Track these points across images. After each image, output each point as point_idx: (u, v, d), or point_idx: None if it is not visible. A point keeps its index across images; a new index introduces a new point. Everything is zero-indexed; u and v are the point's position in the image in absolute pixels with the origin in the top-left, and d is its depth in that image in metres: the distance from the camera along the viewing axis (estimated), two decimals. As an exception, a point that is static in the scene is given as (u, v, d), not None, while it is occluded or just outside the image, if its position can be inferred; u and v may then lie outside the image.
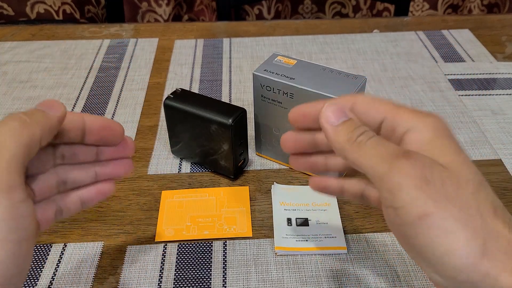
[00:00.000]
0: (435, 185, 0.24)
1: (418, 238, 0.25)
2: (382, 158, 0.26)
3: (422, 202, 0.24)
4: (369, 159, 0.27)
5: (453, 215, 0.24)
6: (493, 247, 0.23)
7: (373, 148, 0.27)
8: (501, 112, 0.59)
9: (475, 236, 0.24)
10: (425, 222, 0.24)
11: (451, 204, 0.24)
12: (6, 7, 1.27)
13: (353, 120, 0.29)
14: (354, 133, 0.28)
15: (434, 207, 0.24)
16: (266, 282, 0.39)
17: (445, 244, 0.24)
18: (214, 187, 0.48)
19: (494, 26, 0.80)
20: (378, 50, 0.72)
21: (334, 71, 0.45)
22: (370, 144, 0.27)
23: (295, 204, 0.46)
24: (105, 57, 0.72)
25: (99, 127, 0.31)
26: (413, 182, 0.25)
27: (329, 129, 0.29)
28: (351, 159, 0.28)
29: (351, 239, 0.43)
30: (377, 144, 0.27)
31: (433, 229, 0.24)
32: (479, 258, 0.23)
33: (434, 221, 0.24)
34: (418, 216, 0.24)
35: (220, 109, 0.45)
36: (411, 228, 0.25)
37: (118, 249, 0.42)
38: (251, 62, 0.70)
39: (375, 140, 0.27)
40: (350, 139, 0.28)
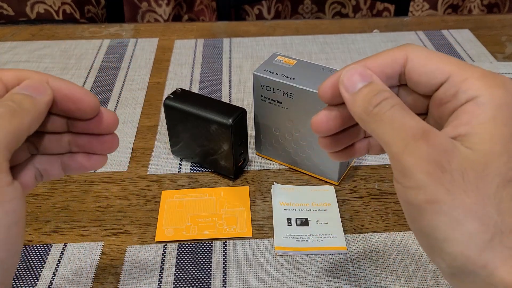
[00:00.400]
0: (452, 174, 0.23)
1: (423, 219, 0.24)
2: (399, 136, 0.24)
3: (433, 188, 0.23)
4: (386, 133, 0.24)
5: (466, 206, 0.23)
6: (500, 242, 0.23)
7: (390, 122, 0.24)
8: (501, 112, 0.59)
9: (484, 230, 0.23)
10: (433, 207, 0.23)
11: (466, 195, 0.23)
12: (6, 7, 1.27)
13: (374, 84, 0.26)
14: (372, 101, 0.25)
15: (445, 194, 0.23)
16: (266, 282, 0.39)
17: (450, 232, 0.23)
18: (214, 187, 0.48)
19: (494, 26, 0.80)
20: (378, 50, 0.72)
21: (334, 71, 0.45)
22: (388, 117, 0.24)
23: (295, 204, 0.46)
24: (105, 57, 0.72)
25: (63, 96, 0.27)
26: (426, 168, 0.23)
27: (347, 97, 0.26)
28: (369, 130, 0.26)
29: (351, 239, 0.43)
30: (397, 116, 0.24)
31: (440, 215, 0.23)
32: (481, 251, 0.23)
33: (443, 208, 0.23)
34: (426, 201, 0.23)
35: (220, 109, 0.45)
36: (418, 209, 0.24)
37: (118, 249, 0.42)
38: (251, 62, 0.70)
39: (395, 112, 0.24)
40: (367, 109, 0.25)
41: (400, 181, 0.24)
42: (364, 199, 0.47)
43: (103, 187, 0.49)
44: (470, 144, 0.23)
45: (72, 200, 0.47)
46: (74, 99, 0.27)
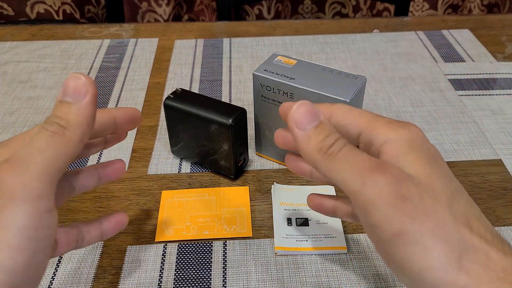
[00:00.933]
0: (412, 201, 0.24)
1: (396, 254, 0.24)
2: (355, 172, 0.25)
3: (398, 219, 0.23)
4: (342, 173, 0.25)
5: (430, 230, 0.23)
6: (470, 260, 0.23)
7: (345, 161, 0.25)
8: (501, 112, 0.59)
9: (452, 250, 0.23)
10: (401, 239, 0.24)
11: (428, 219, 0.24)
12: (6, 7, 1.27)
13: (325, 125, 0.27)
14: (325, 143, 0.26)
15: (410, 223, 0.23)
16: (266, 282, 0.39)
17: (423, 260, 0.23)
18: (214, 187, 0.48)
19: (494, 26, 0.80)
20: (378, 50, 0.72)
21: (334, 71, 0.45)
22: (342, 156, 0.25)
23: (295, 204, 0.46)
24: (105, 57, 0.72)
25: (128, 120, 0.32)
26: (388, 200, 0.24)
27: (299, 134, 0.27)
28: (323, 171, 0.26)
29: (351, 239, 0.43)
30: (350, 155, 0.25)
31: (410, 245, 0.23)
32: (456, 273, 0.23)
33: (411, 237, 0.23)
34: (394, 234, 0.24)
35: (220, 109, 0.45)
36: (388, 244, 0.24)
37: (118, 249, 0.42)
38: (251, 62, 0.70)
39: (347, 151, 0.26)
40: (321, 150, 0.26)
41: (365, 219, 0.25)
42: (364, 199, 0.47)
43: (103, 187, 0.49)
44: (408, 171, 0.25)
45: (72, 200, 0.47)
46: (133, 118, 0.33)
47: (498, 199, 0.47)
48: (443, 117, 0.58)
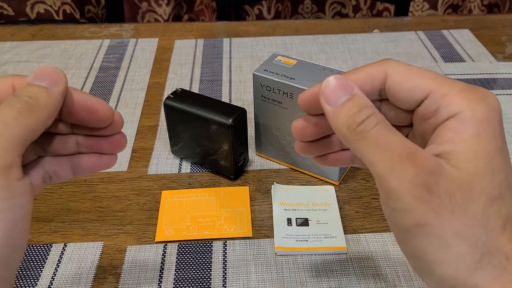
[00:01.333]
0: (440, 197, 0.22)
1: (412, 242, 0.24)
2: (384, 156, 0.23)
3: (421, 211, 0.23)
4: (370, 153, 0.23)
5: (454, 228, 0.23)
6: (489, 262, 0.23)
7: (375, 142, 0.23)
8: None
9: (472, 252, 0.23)
10: (421, 230, 0.23)
11: (455, 217, 0.23)
12: (6, 7, 1.27)
13: (357, 98, 0.24)
14: (356, 119, 0.24)
15: (434, 217, 0.22)
16: (266, 282, 0.39)
17: (438, 254, 0.23)
18: (214, 187, 0.48)
19: (494, 26, 0.80)
20: (378, 50, 0.72)
21: (334, 71, 0.45)
22: (372, 136, 0.23)
23: (295, 204, 0.46)
24: (105, 57, 0.72)
25: (80, 107, 0.27)
26: (414, 191, 0.22)
27: (328, 110, 0.25)
28: (352, 148, 0.25)
29: (351, 239, 0.43)
30: (381, 136, 0.23)
31: (429, 238, 0.23)
32: (471, 272, 0.23)
33: (432, 231, 0.23)
34: (414, 224, 0.23)
35: (220, 109, 0.45)
36: (406, 232, 0.24)
37: (118, 249, 0.42)
38: (251, 62, 0.70)
39: (379, 130, 0.23)
40: (350, 127, 0.24)
41: (387, 202, 0.24)
42: (364, 199, 0.47)
43: (103, 187, 0.49)
44: (455, 163, 0.23)
45: (72, 200, 0.47)
46: (90, 109, 0.27)
47: (498, 199, 0.47)
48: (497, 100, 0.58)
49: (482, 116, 0.23)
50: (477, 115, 0.23)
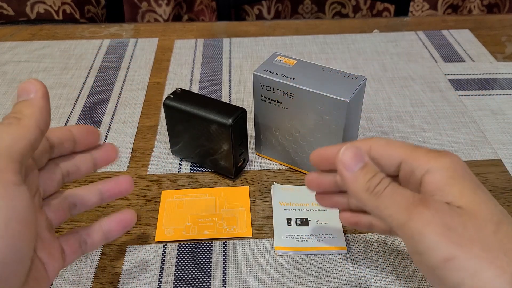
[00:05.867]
0: (456, 230, 0.25)
1: (448, 279, 0.25)
2: (401, 207, 0.27)
3: (445, 246, 0.25)
4: (388, 208, 0.27)
5: (477, 255, 0.25)
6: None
7: (391, 198, 0.27)
8: (501, 112, 0.59)
9: (502, 272, 0.24)
10: (450, 264, 0.25)
11: (474, 245, 0.25)
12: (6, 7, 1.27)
13: (370, 166, 0.29)
14: (372, 183, 0.28)
15: (457, 250, 0.25)
16: (266, 282, 0.39)
17: (473, 284, 0.24)
18: (214, 187, 0.48)
19: (494, 26, 0.80)
20: (378, 50, 0.72)
21: (334, 71, 0.45)
22: (388, 193, 0.28)
23: (295, 204, 0.46)
24: (105, 57, 0.72)
25: (85, 133, 0.33)
26: (434, 229, 0.25)
27: (348, 176, 0.29)
28: (370, 208, 0.29)
29: (351, 239, 0.43)
30: (394, 193, 0.28)
31: (459, 271, 0.25)
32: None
33: (459, 263, 0.25)
34: (443, 259, 0.25)
35: (220, 109, 0.45)
36: (439, 271, 0.26)
37: (118, 249, 0.42)
38: (251, 62, 0.70)
39: (392, 188, 0.28)
40: (368, 189, 0.28)
41: (413, 249, 0.27)
42: (364, 199, 0.47)
43: (103, 187, 0.49)
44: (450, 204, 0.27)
45: (72, 200, 0.47)
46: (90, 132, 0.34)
47: (498, 199, 0.46)
48: (443, 117, 0.58)
49: (448, 165, 0.28)
50: (443, 165, 0.28)
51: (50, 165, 0.32)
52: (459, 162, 0.29)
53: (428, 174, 0.28)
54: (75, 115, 0.59)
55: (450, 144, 0.54)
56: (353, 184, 0.29)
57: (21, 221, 0.25)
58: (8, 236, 0.24)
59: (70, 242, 0.32)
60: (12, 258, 0.25)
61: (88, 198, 0.35)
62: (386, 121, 0.58)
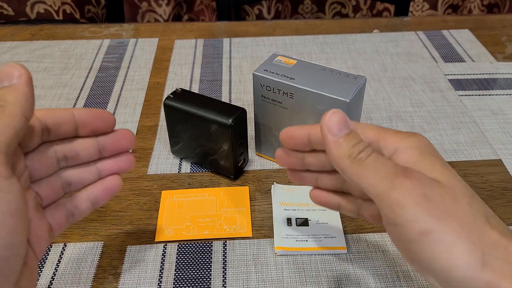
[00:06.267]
0: (435, 202, 0.25)
1: (422, 253, 0.25)
2: (382, 177, 0.26)
3: (424, 219, 0.25)
4: (369, 177, 0.27)
5: (454, 229, 0.25)
6: (492, 256, 0.24)
7: (373, 166, 0.27)
8: (501, 112, 0.59)
9: (475, 247, 0.24)
10: (427, 238, 0.25)
11: (451, 218, 0.25)
12: (6, 7, 1.27)
13: (355, 133, 0.28)
14: (355, 149, 0.28)
15: (435, 223, 0.25)
16: (266, 282, 0.39)
17: (449, 259, 0.24)
18: (214, 187, 0.48)
19: (494, 26, 0.80)
20: (378, 50, 0.72)
21: (334, 71, 0.45)
22: (370, 162, 0.27)
23: (295, 204, 0.46)
24: (105, 57, 0.72)
25: (89, 117, 0.31)
26: (414, 200, 0.25)
27: (331, 140, 0.28)
28: (350, 176, 0.28)
29: (351, 239, 0.43)
30: (376, 161, 0.27)
31: (436, 244, 0.25)
32: (480, 269, 0.24)
33: (436, 236, 0.25)
34: (420, 233, 0.25)
35: (220, 109, 0.45)
36: (414, 244, 0.25)
37: (118, 249, 0.42)
38: (251, 62, 0.70)
39: (375, 158, 0.27)
40: (351, 156, 0.28)
41: (391, 221, 0.26)
42: (364, 199, 0.47)
43: (103, 187, 0.49)
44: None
45: (72, 200, 0.47)
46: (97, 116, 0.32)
47: (498, 199, 0.47)
48: (443, 117, 0.58)
49: (416, 144, 0.28)
50: (411, 144, 0.28)
51: (43, 148, 0.30)
52: (426, 141, 0.29)
53: (397, 153, 0.28)
54: (75, 115, 0.59)
55: (450, 144, 0.54)
56: (336, 149, 0.28)
57: (14, 214, 0.24)
58: (4, 232, 0.24)
59: (57, 217, 0.31)
60: (9, 254, 0.24)
61: (84, 176, 0.33)
62: (386, 121, 0.58)
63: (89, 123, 0.32)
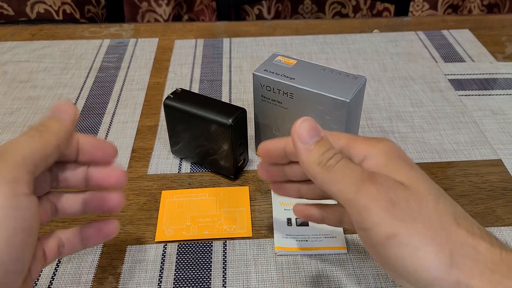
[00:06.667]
0: (400, 206, 0.26)
1: (390, 256, 0.26)
2: (350, 182, 0.27)
3: (389, 223, 0.25)
4: (337, 183, 0.28)
5: (419, 232, 0.25)
6: (460, 256, 0.25)
7: (341, 172, 0.28)
8: (501, 112, 0.59)
9: (442, 248, 0.25)
10: (393, 241, 0.25)
11: (416, 221, 0.25)
12: (6, 7, 1.27)
13: (325, 141, 0.29)
14: (325, 156, 0.28)
15: (400, 226, 0.25)
16: (266, 282, 0.39)
17: (416, 261, 0.25)
18: (214, 187, 0.48)
19: (494, 26, 0.80)
20: (378, 50, 0.72)
21: (334, 71, 0.45)
22: (338, 168, 0.28)
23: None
24: (105, 57, 0.72)
25: (92, 146, 0.32)
26: (380, 204, 0.26)
27: (301, 148, 0.29)
28: (320, 182, 0.29)
29: (351, 239, 0.43)
30: (345, 168, 0.28)
31: (402, 247, 0.25)
32: (449, 269, 0.24)
33: (402, 240, 0.25)
34: (386, 237, 0.25)
35: (220, 109, 0.45)
36: (382, 247, 0.26)
37: (118, 249, 0.42)
38: (251, 62, 0.70)
39: (343, 164, 0.28)
40: (321, 163, 0.28)
41: (359, 225, 0.27)
42: (364, 199, 0.47)
43: (103, 187, 0.49)
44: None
45: (72, 200, 0.47)
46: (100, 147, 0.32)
47: (498, 199, 0.47)
48: (443, 117, 0.58)
49: (384, 151, 0.29)
50: (380, 151, 0.29)
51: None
52: (394, 146, 0.30)
53: (366, 160, 0.29)
54: (75, 115, 0.59)
55: (450, 144, 0.54)
56: (306, 156, 0.29)
57: (25, 231, 0.26)
58: (13, 247, 0.25)
59: (50, 245, 0.31)
60: (15, 268, 0.25)
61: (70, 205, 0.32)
62: (386, 121, 0.58)
63: (91, 153, 0.32)
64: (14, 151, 0.26)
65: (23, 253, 0.26)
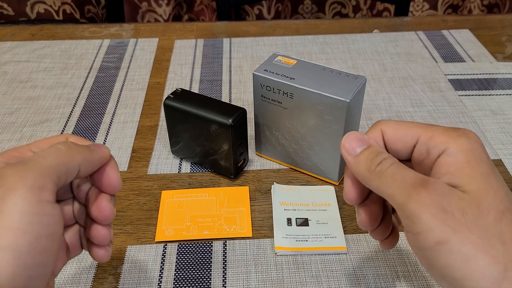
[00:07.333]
0: (453, 214, 0.25)
1: (438, 261, 0.26)
2: (401, 187, 0.27)
3: (440, 229, 0.25)
4: (389, 188, 0.27)
5: (472, 242, 0.25)
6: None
7: (392, 177, 0.28)
8: (501, 112, 0.59)
9: (496, 261, 0.24)
10: (444, 247, 0.25)
11: (470, 231, 0.25)
12: (6, 7, 1.27)
13: (372, 147, 0.29)
14: (373, 162, 0.28)
15: (452, 233, 0.25)
16: (266, 282, 0.39)
17: (464, 269, 0.25)
18: (214, 187, 0.48)
19: (494, 26, 0.80)
20: (378, 50, 0.72)
21: (334, 71, 0.45)
22: (389, 173, 0.28)
23: (295, 204, 0.46)
24: (105, 57, 0.72)
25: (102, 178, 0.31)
26: (431, 211, 0.25)
27: (350, 160, 0.30)
28: (374, 188, 0.29)
29: (351, 239, 0.43)
30: (396, 172, 0.28)
31: (452, 254, 0.25)
32: (500, 281, 0.24)
33: (453, 247, 0.25)
34: (436, 242, 0.25)
35: (220, 109, 0.45)
36: (431, 252, 0.26)
37: (118, 249, 0.42)
38: (251, 62, 0.70)
39: (394, 168, 0.28)
40: (370, 169, 0.28)
41: (409, 229, 0.27)
42: (364, 199, 0.47)
43: (103, 187, 0.49)
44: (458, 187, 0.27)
45: (72, 200, 0.47)
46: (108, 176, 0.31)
47: (498, 199, 0.47)
48: (443, 117, 0.58)
49: (466, 147, 0.27)
50: (462, 147, 0.27)
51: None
52: (475, 143, 0.28)
53: (444, 156, 0.28)
54: (75, 115, 0.59)
55: (450, 144, 0.54)
56: (356, 165, 0.29)
57: (49, 237, 0.26)
58: (36, 252, 0.25)
59: (73, 239, 0.32)
60: (38, 273, 0.26)
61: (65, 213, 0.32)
62: (386, 121, 0.58)
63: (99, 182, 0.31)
64: (40, 160, 0.27)
65: (46, 258, 0.26)
